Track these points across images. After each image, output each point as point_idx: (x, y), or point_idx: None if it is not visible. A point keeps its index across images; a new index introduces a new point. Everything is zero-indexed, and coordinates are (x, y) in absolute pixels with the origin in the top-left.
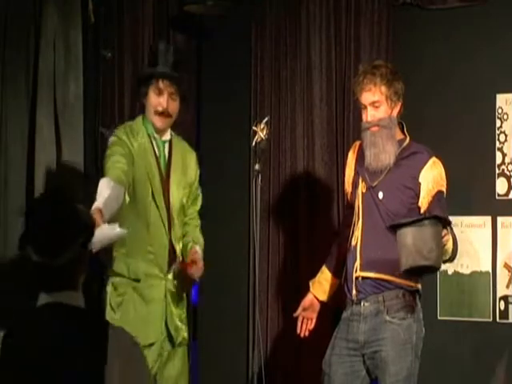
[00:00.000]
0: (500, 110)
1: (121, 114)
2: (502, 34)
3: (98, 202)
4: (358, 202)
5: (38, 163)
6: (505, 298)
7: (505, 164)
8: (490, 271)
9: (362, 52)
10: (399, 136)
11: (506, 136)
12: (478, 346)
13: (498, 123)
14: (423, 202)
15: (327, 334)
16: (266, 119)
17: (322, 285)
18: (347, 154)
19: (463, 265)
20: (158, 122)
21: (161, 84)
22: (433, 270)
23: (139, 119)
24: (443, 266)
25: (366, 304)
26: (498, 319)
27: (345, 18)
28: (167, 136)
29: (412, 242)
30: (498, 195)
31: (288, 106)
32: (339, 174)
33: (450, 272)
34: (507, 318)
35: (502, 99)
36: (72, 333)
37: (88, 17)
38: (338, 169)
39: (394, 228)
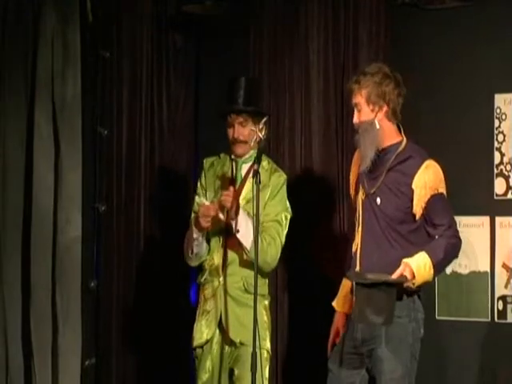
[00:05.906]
0: (498, 110)
1: (119, 114)
2: (501, 34)
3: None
4: (359, 209)
5: (36, 162)
6: (503, 297)
7: (503, 164)
8: (489, 271)
9: (360, 52)
10: (395, 139)
11: (504, 136)
12: (476, 346)
13: (497, 123)
14: (417, 209)
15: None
16: (264, 119)
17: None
18: (345, 153)
19: (461, 265)
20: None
21: (229, 119)
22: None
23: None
24: None
25: None
26: (496, 319)
27: (343, 17)
28: (246, 156)
29: (366, 302)
30: (497, 195)
31: (286, 106)
32: (337, 172)
33: (448, 272)
34: (505, 318)
35: (500, 99)
36: None
37: (86, 16)
38: (336, 168)
39: (358, 284)
